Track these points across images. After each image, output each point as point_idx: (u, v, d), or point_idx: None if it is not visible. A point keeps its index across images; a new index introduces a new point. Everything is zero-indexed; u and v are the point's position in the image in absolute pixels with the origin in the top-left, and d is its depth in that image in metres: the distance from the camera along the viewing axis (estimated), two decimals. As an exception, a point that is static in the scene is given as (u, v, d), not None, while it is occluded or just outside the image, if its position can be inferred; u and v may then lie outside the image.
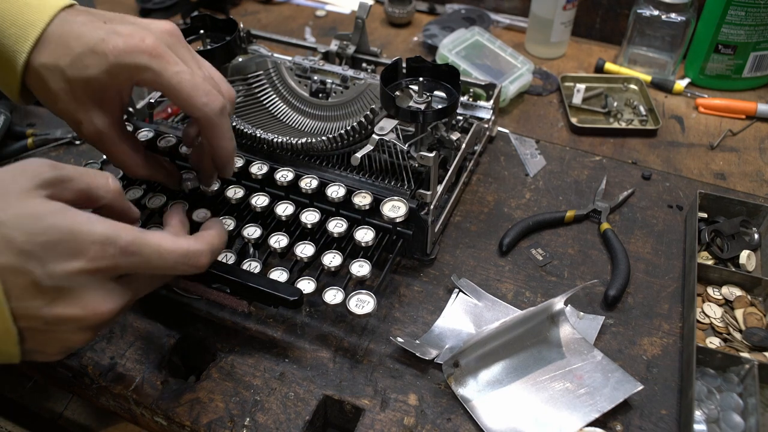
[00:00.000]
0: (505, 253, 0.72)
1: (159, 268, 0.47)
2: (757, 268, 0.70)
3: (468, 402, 0.57)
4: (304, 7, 1.25)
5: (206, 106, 0.52)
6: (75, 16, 0.52)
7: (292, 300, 0.56)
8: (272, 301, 0.58)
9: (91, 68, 0.50)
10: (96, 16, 0.52)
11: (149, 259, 0.46)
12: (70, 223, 0.42)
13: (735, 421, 0.56)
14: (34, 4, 0.51)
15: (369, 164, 0.69)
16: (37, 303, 0.42)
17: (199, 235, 0.52)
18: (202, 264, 0.50)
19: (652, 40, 1.00)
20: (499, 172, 0.84)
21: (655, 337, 0.63)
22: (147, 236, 0.46)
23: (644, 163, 0.86)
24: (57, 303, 0.42)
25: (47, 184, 0.43)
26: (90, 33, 0.50)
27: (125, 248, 0.44)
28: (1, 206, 0.41)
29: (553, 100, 0.98)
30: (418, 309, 0.66)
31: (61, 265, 0.41)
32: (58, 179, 0.44)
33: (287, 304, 0.56)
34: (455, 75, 0.69)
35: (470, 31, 1.02)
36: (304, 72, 0.81)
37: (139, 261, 0.45)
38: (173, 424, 0.57)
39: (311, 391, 0.58)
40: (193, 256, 0.49)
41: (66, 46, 0.50)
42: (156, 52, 0.50)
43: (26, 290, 0.41)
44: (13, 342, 0.42)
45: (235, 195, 0.67)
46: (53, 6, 0.51)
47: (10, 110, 0.90)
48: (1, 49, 0.50)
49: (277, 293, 0.56)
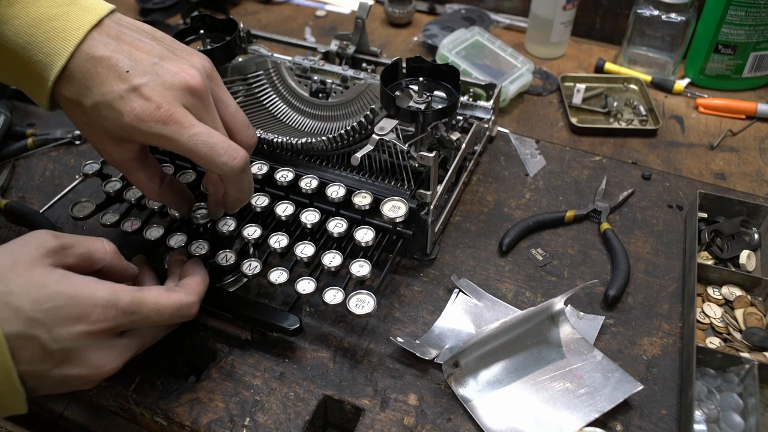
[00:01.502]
0: (505, 253, 0.72)
1: (156, 322, 0.51)
2: (757, 268, 0.70)
3: (468, 402, 0.57)
4: (304, 7, 1.25)
5: (225, 165, 0.52)
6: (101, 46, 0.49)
7: (292, 329, 0.59)
8: (272, 329, 0.60)
9: (108, 121, 0.50)
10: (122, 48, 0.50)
11: (147, 316, 0.50)
12: (72, 289, 0.46)
13: (735, 421, 0.56)
14: (60, 28, 0.49)
15: (369, 164, 0.69)
16: (45, 366, 0.45)
17: (186, 286, 0.56)
18: (192, 314, 0.54)
19: (652, 40, 1.00)
20: (499, 172, 0.84)
21: (655, 337, 0.63)
22: (144, 295, 0.50)
23: (644, 163, 0.86)
24: (63, 365, 0.46)
25: (51, 253, 0.47)
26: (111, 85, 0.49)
27: (125, 309, 0.48)
28: (11, 276, 0.45)
29: (553, 100, 0.98)
30: (418, 309, 0.66)
31: (66, 329, 0.45)
32: (60, 247, 0.48)
33: (287, 332, 0.59)
34: (455, 75, 0.69)
35: (470, 31, 1.02)
36: (304, 72, 0.81)
37: (138, 319, 0.49)
38: (173, 424, 0.57)
39: (311, 391, 0.58)
40: (185, 309, 0.53)
41: (88, 88, 0.49)
42: (172, 119, 0.49)
43: (35, 355, 0.44)
44: (21, 400, 0.45)
45: (235, 195, 0.67)
46: (80, 27, 0.49)
47: (10, 110, 0.90)
48: (31, 73, 0.50)
49: (277, 323, 0.59)
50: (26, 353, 0.44)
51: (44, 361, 0.45)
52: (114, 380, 0.59)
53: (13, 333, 0.43)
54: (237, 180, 0.54)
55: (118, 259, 0.54)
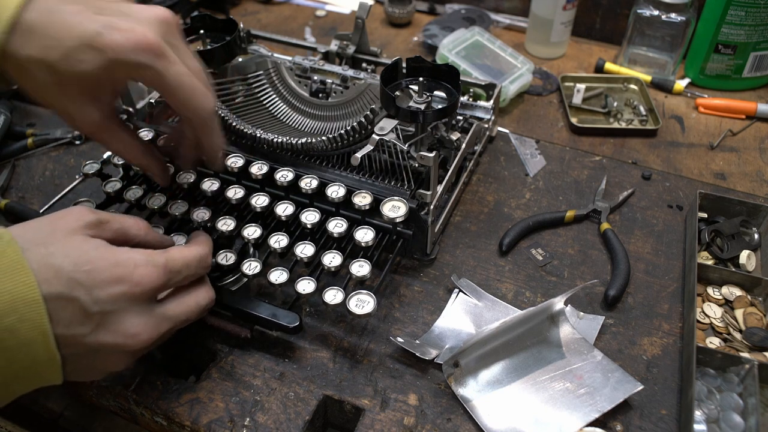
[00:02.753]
0: (505, 253, 0.72)
1: (188, 278, 0.52)
2: (757, 268, 0.70)
3: (468, 402, 0.57)
4: (304, 7, 1.25)
5: (202, 107, 0.53)
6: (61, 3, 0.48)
7: (292, 327, 0.59)
8: (273, 327, 0.60)
9: (86, 63, 0.48)
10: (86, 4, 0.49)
11: (180, 271, 0.51)
12: (112, 254, 0.47)
13: (735, 421, 0.56)
14: None
15: (369, 164, 0.69)
16: (82, 330, 0.44)
17: (196, 242, 0.57)
18: (208, 264, 0.56)
19: (652, 40, 1.00)
20: (499, 172, 0.84)
21: (655, 337, 0.63)
22: (172, 252, 0.51)
23: (644, 163, 0.86)
24: (100, 330, 0.45)
25: (90, 226, 0.48)
26: (84, 25, 0.47)
27: (164, 266, 0.48)
28: (51, 241, 0.45)
29: (553, 100, 0.98)
30: (418, 309, 0.66)
31: (106, 290, 0.45)
32: (98, 221, 0.49)
33: (287, 331, 0.59)
34: (455, 75, 0.69)
35: (470, 31, 1.02)
36: (304, 72, 0.81)
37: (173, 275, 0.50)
38: (173, 424, 0.57)
39: (311, 391, 0.58)
40: (204, 259, 0.54)
41: (55, 39, 0.47)
42: (159, 51, 0.49)
43: (74, 317, 0.44)
44: (57, 368, 0.45)
45: (235, 195, 0.67)
46: None
47: (10, 110, 0.90)
48: None
49: (277, 321, 0.59)
50: (65, 315, 0.43)
51: (82, 324, 0.44)
52: (114, 380, 0.59)
53: (53, 294, 0.42)
54: (212, 124, 0.55)
55: (152, 233, 0.55)
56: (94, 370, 0.49)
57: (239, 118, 0.73)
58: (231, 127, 0.72)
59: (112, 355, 0.48)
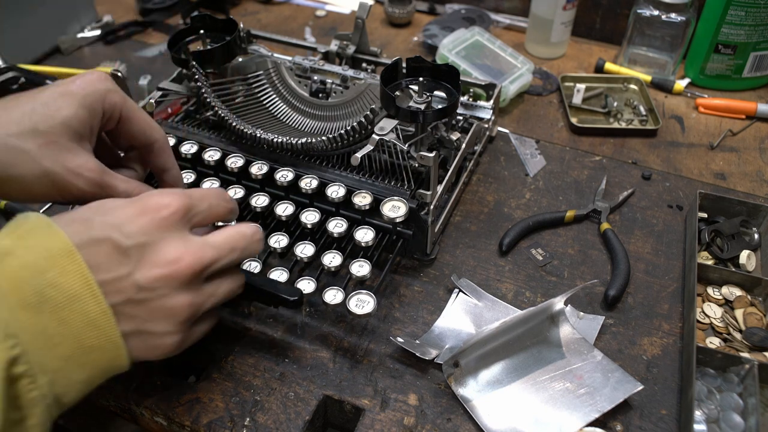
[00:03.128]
0: (505, 253, 0.72)
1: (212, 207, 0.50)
2: (757, 268, 0.70)
3: (468, 402, 0.57)
4: (304, 7, 1.25)
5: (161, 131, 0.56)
6: None
7: (292, 300, 0.56)
8: (272, 302, 0.58)
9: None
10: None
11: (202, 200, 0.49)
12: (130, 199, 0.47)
13: (735, 421, 0.56)
14: None
15: (369, 164, 0.69)
16: (123, 270, 0.43)
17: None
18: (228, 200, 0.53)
19: (652, 40, 1.00)
20: (499, 172, 0.84)
21: (655, 337, 0.63)
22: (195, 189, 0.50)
23: (644, 163, 0.86)
24: (141, 266, 0.44)
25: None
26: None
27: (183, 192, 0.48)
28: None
29: (553, 100, 0.98)
30: (418, 309, 0.66)
31: (135, 222, 0.44)
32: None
33: (287, 304, 0.56)
34: (455, 75, 0.69)
35: (470, 31, 1.02)
36: (304, 72, 0.81)
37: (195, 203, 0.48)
38: (173, 424, 0.57)
39: (311, 391, 0.58)
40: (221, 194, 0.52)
41: None
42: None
43: (111, 258, 0.43)
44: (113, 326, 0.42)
45: (235, 195, 0.67)
46: None
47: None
48: None
49: (278, 293, 0.56)
50: (102, 258, 0.42)
51: (122, 263, 0.43)
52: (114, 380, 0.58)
53: (85, 240, 0.42)
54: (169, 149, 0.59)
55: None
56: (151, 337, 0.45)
57: (239, 118, 0.74)
58: (231, 127, 0.72)
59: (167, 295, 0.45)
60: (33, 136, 0.48)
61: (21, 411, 0.38)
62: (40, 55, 1.06)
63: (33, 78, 0.85)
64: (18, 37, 1.00)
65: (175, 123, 0.76)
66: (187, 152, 0.70)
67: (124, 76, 0.88)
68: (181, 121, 0.77)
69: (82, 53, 1.09)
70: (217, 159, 0.70)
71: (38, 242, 0.41)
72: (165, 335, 0.46)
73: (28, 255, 0.40)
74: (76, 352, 0.41)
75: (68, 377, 0.41)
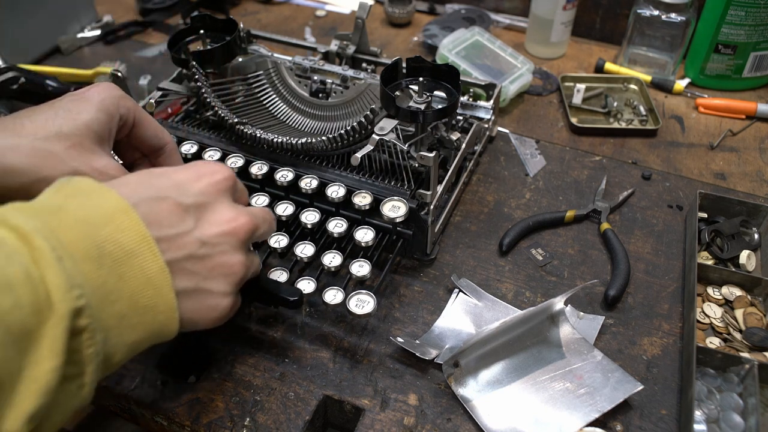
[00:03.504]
0: (505, 253, 0.72)
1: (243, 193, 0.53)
2: (757, 268, 0.70)
3: (468, 402, 0.57)
4: (304, 7, 1.25)
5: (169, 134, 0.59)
6: None
7: (292, 300, 0.55)
8: (272, 302, 0.58)
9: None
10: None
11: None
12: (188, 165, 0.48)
13: (735, 421, 0.56)
14: None
15: (369, 164, 0.69)
16: (186, 225, 0.44)
17: None
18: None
19: (652, 40, 1.00)
20: (499, 172, 0.84)
21: (655, 337, 0.63)
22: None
23: (644, 163, 0.86)
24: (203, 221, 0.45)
25: None
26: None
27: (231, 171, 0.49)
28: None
29: (553, 100, 0.98)
30: (418, 309, 0.66)
31: (194, 185, 0.46)
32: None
33: (287, 304, 0.56)
34: (455, 75, 0.69)
35: (470, 31, 1.02)
36: (304, 72, 0.81)
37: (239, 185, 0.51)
38: (173, 424, 0.57)
39: (311, 391, 0.58)
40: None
41: None
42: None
43: (172, 214, 0.44)
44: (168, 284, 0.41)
45: (235, 195, 0.67)
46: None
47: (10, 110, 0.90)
48: None
49: (278, 293, 0.56)
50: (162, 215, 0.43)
51: (183, 219, 0.44)
52: (114, 380, 0.59)
53: (144, 198, 0.43)
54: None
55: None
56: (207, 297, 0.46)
57: (239, 118, 0.73)
58: (231, 127, 0.72)
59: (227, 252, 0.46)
60: (59, 138, 0.49)
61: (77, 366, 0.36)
62: (40, 55, 1.06)
63: (33, 78, 0.85)
64: (18, 37, 1.00)
65: (175, 123, 0.76)
66: (187, 152, 0.71)
67: (124, 76, 0.88)
68: (181, 121, 0.77)
69: (82, 53, 1.09)
70: (217, 159, 0.70)
71: (89, 201, 0.40)
72: (220, 296, 0.47)
73: (80, 211, 0.39)
74: (130, 311, 0.40)
75: (119, 337, 0.40)
